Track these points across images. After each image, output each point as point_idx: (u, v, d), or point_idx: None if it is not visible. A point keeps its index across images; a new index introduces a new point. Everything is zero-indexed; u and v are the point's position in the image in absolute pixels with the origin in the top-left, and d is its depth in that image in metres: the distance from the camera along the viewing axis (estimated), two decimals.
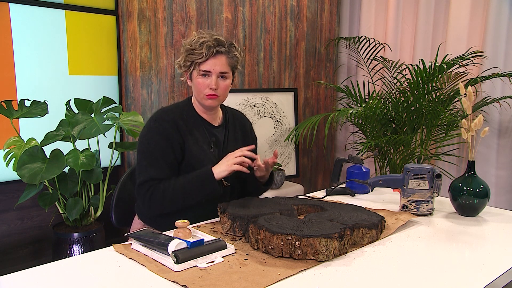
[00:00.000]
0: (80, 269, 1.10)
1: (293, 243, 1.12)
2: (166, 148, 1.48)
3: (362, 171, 1.86)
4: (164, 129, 1.49)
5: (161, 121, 1.51)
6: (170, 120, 1.51)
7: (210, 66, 1.48)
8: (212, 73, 1.49)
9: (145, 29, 2.74)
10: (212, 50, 1.47)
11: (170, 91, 2.87)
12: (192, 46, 1.48)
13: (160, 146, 1.48)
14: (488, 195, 1.54)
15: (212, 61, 1.48)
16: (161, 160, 1.48)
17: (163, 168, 1.48)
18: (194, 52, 1.48)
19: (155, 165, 1.47)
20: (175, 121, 1.51)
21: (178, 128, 1.51)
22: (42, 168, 2.11)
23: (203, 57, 1.47)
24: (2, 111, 2.14)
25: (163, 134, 1.49)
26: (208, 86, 1.50)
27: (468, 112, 1.56)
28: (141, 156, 1.50)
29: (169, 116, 1.52)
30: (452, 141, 3.00)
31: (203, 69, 1.49)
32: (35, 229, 2.51)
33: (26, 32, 2.33)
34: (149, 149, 1.49)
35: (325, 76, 3.78)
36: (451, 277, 1.06)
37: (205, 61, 1.48)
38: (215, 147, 1.59)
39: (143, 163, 1.49)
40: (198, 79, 1.51)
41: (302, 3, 3.51)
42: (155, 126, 1.51)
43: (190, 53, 1.49)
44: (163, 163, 1.48)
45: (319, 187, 3.85)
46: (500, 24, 2.81)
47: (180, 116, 1.54)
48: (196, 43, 1.48)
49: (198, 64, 1.49)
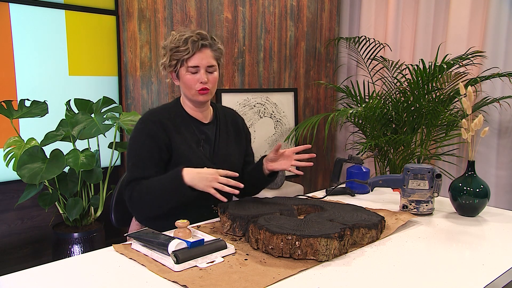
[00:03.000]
0: (80, 269, 1.10)
1: (293, 243, 1.12)
2: (151, 148, 1.48)
3: (362, 171, 1.86)
4: (149, 129, 1.49)
5: (147, 122, 1.51)
6: (156, 121, 1.51)
7: (197, 60, 1.48)
8: (200, 68, 1.49)
9: (145, 29, 2.74)
10: (197, 44, 1.47)
11: (170, 91, 2.86)
12: (176, 44, 1.48)
13: (146, 146, 1.48)
14: (488, 195, 1.54)
15: (199, 55, 1.48)
16: (146, 160, 1.48)
17: (147, 168, 1.48)
18: (179, 49, 1.48)
19: (139, 165, 1.48)
20: (161, 122, 1.51)
21: (164, 128, 1.50)
22: (42, 168, 2.11)
23: (189, 53, 1.47)
24: (2, 111, 2.14)
25: (149, 134, 1.49)
26: (198, 81, 1.49)
27: (468, 112, 1.56)
28: (129, 157, 1.52)
29: (156, 116, 1.53)
30: (452, 141, 3.00)
31: (191, 65, 1.48)
32: (35, 229, 2.51)
33: (26, 32, 2.33)
34: (135, 149, 1.50)
35: (325, 76, 3.78)
36: (451, 277, 1.06)
37: (191, 56, 1.48)
38: (206, 144, 1.58)
39: (129, 163, 1.50)
40: (186, 75, 1.50)
41: (302, 3, 3.51)
42: (141, 127, 1.51)
43: (175, 51, 1.48)
44: (148, 163, 1.48)
45: (319, 187, 3.85)
46: (500, 24, 2.81)
47: (168, 116, 1.54)
48: (179, 40, 1.48)
49: (185, 61, 1.48)
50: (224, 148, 1.61)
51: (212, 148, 1.59)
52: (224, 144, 1.62)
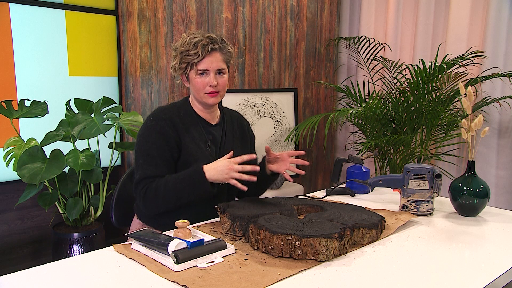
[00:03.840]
0: (80, 269, 1.10)
1: (293, 243, 1.12)
2: (162, 146, 1.49)
3: (362, 171, 1.86)
4: (160, 127, 1.50)
5: (157, 120, 1.52)
6: (167, 119, 1.51)
7: (207, 64, 1.49)
8: (210, 71, 1.50)
9: (145, 29, 2.74)
10: (207, 48, 1.48)
11: (170, 91, 2.87)
12: (186, 47, 1.49)
13: (157, 144, 1.48)
14: (488, 195, 1.54)
15: (208, 59, 1.49)
16: (157, 158, 1.48)
17: (159, 166, 1.48)
18: (189, 53, 1.48)
19: (151, 163, 1.48)
20: (171, 119, 1.52)
21: (175, 126, 1.51)
22: (42, 168, 2.11)
23: (199, 57, 1.48)
24: (2, 111, 2.14)
25: (160, 132, 1.49)
26: (207, 84, 1.51)
27: (468, 112, 1.56)
28: (138, 155, 1.51)
29: (166, 114, 1.53)
30: (452, 141, 3.00)
31: (200, 68, 1.50)
32: (35, 229, 2.51)
33: (26, 32, 2.33)
34: (146, 147, 1.50)
35: (325, 76, 3.78)
36: (451, 277, 1.06)
37: (201, 60, 1.49)
38: (212, 145, 1.59)
39: (139, 161, 1.50)
40: (196, 79, 1.51)
41: (302, 3, 3.51)
42: (151, 125, 1.51)
43: (185, 54, 1.49)
44: (160, 161, 1.48)
45: (319, 187, 3.85)
46: (500, 24, 2.81)
47: (177, 115, 1.55)
48: (189, 43, 1.49)
49: (195, 64, 1.50)
50: (230, 149, 1.61)
51: (218, 149, 1.60)
52: (230, 146, 1.63)
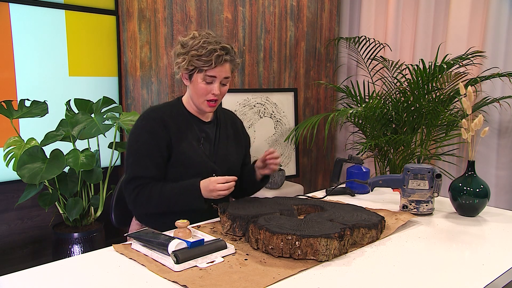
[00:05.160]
0: (80, 269, 1.10)
1: (293, 243, 1.12)
2: (152, 146, 1.49)
3: (362, 171, 1.86)
4: (151, 127, 1.50)
5: (148, 119, 1.52)
6: (157, 118, 1.51)
7: (216, 72, 1.48)
8: (217, 79, 1.50)
9: (145, 29, 2.74)
10: (221, 58, 1.47)
11: (170, 91, 2.87)
12: (199, 52, 1.45)
13: (147, 144, 1.49)
14: (488, 195, 1.54)
15: (219, 68, 1.49)
16: (146, 158, 1.48)
17: (148, 166, 1.48)
18: (200, 58, 1.46)
19: (140, 163, 1.48)
20: (162, 119, 1.51)
21: (166, 126, 1.51)
22: (42, 168, 2.11)
23: (211, 65, 1.46)
24: (2, 111, 2.14)
25: (150, 132, 1.49)
26: (210, 92, 1.50)
27: (468, 112, 1.56)
28: (128, 153, 1.52)
29: (157, 114, 1.53)
30: (452, 141, 3.00)
31: (209, 75, 1.48)
32: (35, 229, 2.51)
33: (26, 32, 2.33)
34: (136, 146, 1.50)
35: (325, 76, 3.78)
36: (451, 277, 1.06)
37: (212, 69, 1.48)
38: (206, 142, 1.59)
39: (129, 160, 1.50)
40: (201, 84, 1.49)
41: (302, 3, 3.51)
42: (142, 124, 1.52)
43: (196, 58, 1.46)
44: (149, 161, 1.48)
45: (319, 187, 3.85)
46: (500, 24, 2.81)
47: (169, 114, 1.54)
48: (202, 48, 1.45)
49: (205, 70, 1.48)
50: (224, 147, 1.62)
51: (212, 146, 1.60)
52: (224, 144, 1.63)
